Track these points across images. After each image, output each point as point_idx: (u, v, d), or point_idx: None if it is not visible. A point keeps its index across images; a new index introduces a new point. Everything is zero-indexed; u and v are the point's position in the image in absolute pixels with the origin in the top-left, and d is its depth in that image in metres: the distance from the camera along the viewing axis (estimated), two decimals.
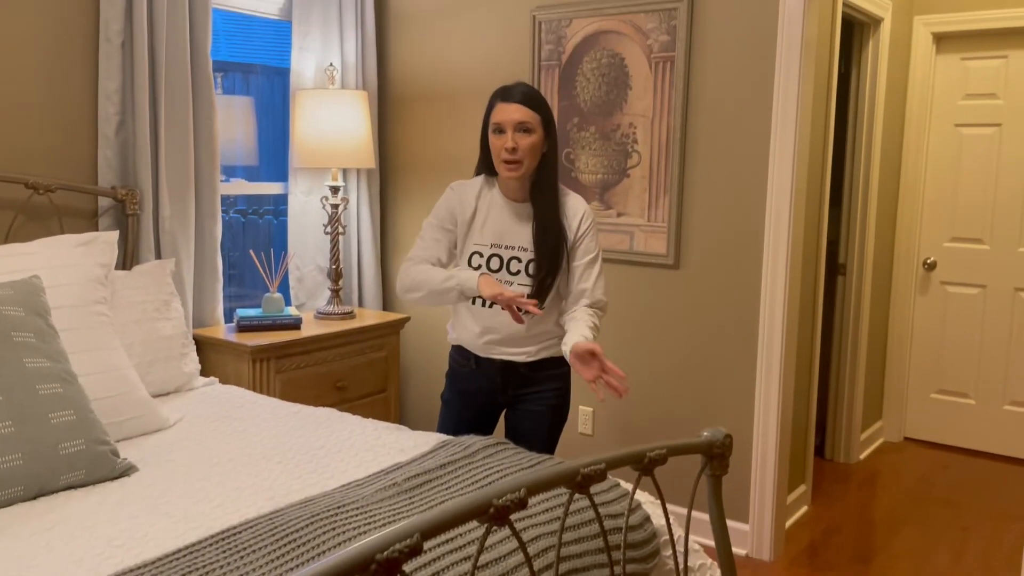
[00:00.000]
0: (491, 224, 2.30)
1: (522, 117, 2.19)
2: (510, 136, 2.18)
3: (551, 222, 2.25)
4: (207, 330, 3.16)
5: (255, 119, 3.73)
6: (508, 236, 2.29)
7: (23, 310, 2.02)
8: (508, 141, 2.18)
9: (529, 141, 2.19)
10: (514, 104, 2.20)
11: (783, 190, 2.93)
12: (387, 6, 3.84)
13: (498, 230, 2.30)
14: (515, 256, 2.29)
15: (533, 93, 2.23)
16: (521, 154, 2.19)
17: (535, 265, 2.27)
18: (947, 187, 4.38)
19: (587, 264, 2.30)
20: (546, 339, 2.36)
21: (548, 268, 2.26)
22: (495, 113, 2.22)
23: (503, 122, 2.20)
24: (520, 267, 2.29)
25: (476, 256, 2.31)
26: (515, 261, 2.29)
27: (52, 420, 1.90)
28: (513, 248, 2.29)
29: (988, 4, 4.09)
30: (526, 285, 2.28)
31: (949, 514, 3.61)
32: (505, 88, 2.25)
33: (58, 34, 2.75)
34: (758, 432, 3.06)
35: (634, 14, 3.15)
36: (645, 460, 1.41)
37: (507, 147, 2.18)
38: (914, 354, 4.54)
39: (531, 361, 2.35)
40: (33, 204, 2.71)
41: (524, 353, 2.34)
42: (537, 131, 2.21)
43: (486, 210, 2.31)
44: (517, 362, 2.35)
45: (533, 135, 2.20)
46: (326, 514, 1.65)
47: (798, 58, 2.86)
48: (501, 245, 2.29)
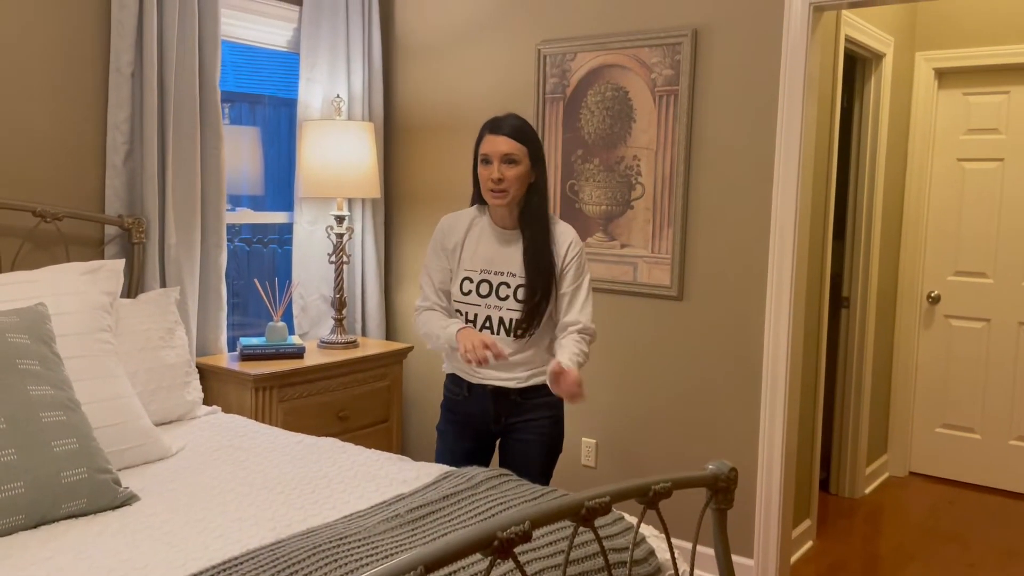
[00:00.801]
0: (481, 250, 2.37)
1: (508, 149, 2.26)
2: (496, 167, 2.26)
3: (540, 248, 2.32)
4: (210, 359, 3.15)
5: (261, 149, 3.76)
6: (497, 262, 2.35)
7: (28, 337, 2.03)
8: (494, 172, 2.26)
9: (515, 172, 2.27)
10: (501, 136, 2.28)
11: (786, 223, 2.94)
12: (394, 39, 3.88)
13: (487, 256, 2.36)
14: (504, 281, 2.34)
15: (521, 125, 2.31)
16: (506, 184, 2.26)
17: (525, 290, 2.32)
18: (950, 221, 4.39)
19: (574, 291, 2.34)
20: (537, 366, 2.38)
21: (539, 293, 2.31)
22: (483, 144, 2.31)
23: (490, 153, 2.28)
24: (509, 292, 2.33)
25: (467, 282, 2.37)
26: (504, 286, 2.34)
27: (55, 448, 1.90)
28: (502, 273, 2.34)
29: (990, 40, 4.13)
30: (515, 310, 2.33)
31: (955, 550, 3.57)
32: (495, 120, 2.33)
33: (69, 64, 2.78)
34: (762, 466, 3.04)
35: (638, 48, 3.18)
36: (650, 493, 1.40)
37: (493, 177, 2.26)
38: (919, 388, 4.52)
39: (522, 388, 2.38)
40: (40, 232, 2.73)
41: (514, 379, 2.37)
42: (523, 162, 2.28)
43: (476, 237, 2.38)
44: (508, 388, 2.38)
45: (519, 166, 2.28)
46: (328, 545, 1.64)
47: (801, 92, 2.89)
48: (490, 271, 2.35)
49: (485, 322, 2.35)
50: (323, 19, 3.59)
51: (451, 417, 2.50)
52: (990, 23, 4.12)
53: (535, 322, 2.33)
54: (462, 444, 2.48)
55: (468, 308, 2.38)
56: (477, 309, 2.36)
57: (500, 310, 2.34)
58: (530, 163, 2.30)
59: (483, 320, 2.36)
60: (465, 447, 2.48)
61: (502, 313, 2.34)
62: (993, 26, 4.11)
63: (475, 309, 2.36)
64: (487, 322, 2.35)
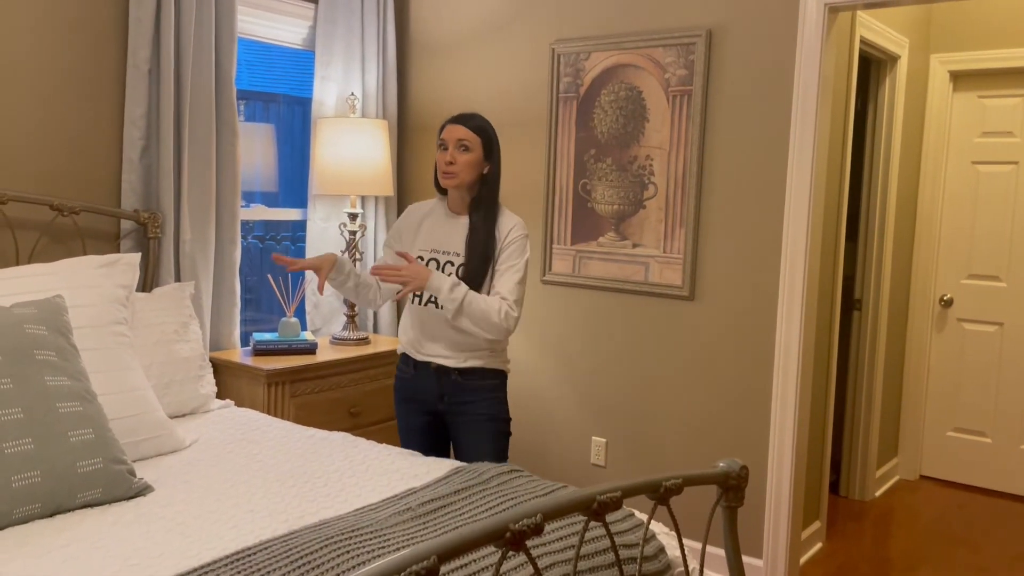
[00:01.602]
0: (433, 232, 2.58)
1: (462, 135, 2.48)
2: (451, 152, 2.47)
3: (483, 231, 2.49)
4: (223, 353, 3.18)
5: (276, 146, 3.78)
6: (444, 243, 2.54)
7: (46, 329, 2.05)
8: (447, 155, 2.47)
9: (466, 158, 2.47)
10: (459, 125, 2.50)
11: (799, 224, 2.94)
12: (408, 37, 3.90)
13: (437, 237, 2.56)
14: (449, 260, 2.52)
15: (480, 121, 2.52)
16: (457, 167, 2.47)
17: (464, 270, 2.48)
18: (964, 224, 4.37)
19: (506, 269, 2.49)
20: (475, 348, 2.53)
21: (476, 270, 2.47)
22: (443, 132, 2.52)
23: (446, 139, 2.50)
24: (452, 271, 2.50)
25: (418, 260, 2.53)
26: (448, 265, 2.52)
27: (71, 438, 1.92)
28: (448, 253, 2.53)
29: (1005, 43, 4.11)
30: None
31: (966, 555, 3.55)
32: (459, 114, 2.55)
33: (87, 60, 2.81)
34: (772, 467, 3.04)
35: (652, 48, 3.19)
36: (661, 489, 1.40)
37: (446, 160, 2.47)
38: (930, 391, 4.50)
39: (461, 367, 2.53)
40: (57, 225, 2.76)
41: (454, 359, 2.53)
42: (475, 151, 2.48)
43: (432, 221, 2.60)
44: (448, 367, 2.53)
45: (471, 153, 2.48)
46: (340, 537, 1.65)
47: (815, 94, 2.89)
48: (439, 251, 2.55)
49: (430, 297, 2.51)
50: (338, 17, 3.61)
51: (401, 395, 2.67)
52: (1006, 26, 4.10)
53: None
54: (414, 420, 2.65)
55: None
56: None
57: None
58: (483, 153, 2.50)
59: (428, 296, 2.51)
60: (418, 424, 2.65)
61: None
62: (1009, 29, 4.09)
63: None
64: (432, 298, 2.50)
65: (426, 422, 2.64)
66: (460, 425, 2.58)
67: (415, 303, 2.57)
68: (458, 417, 2.58)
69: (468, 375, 2.54)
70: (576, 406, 3.47)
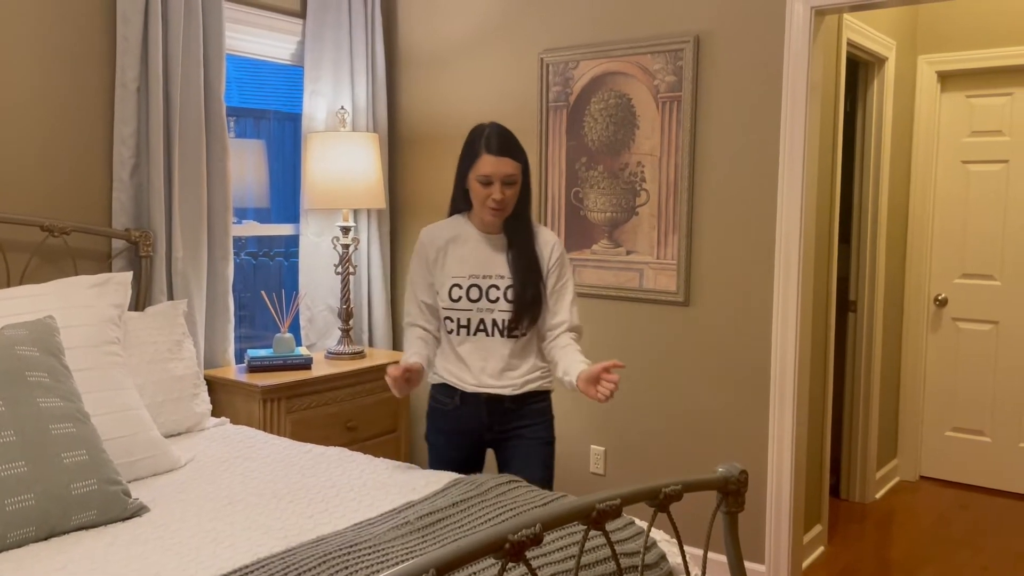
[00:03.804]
0: (468, 256, 2.38)
1: (509, 171, 2.29)
2: (498, 188, 2.29)
3: (525, 248, 2.37)
4: (218, 370, 3.16)
5: (267, 162, 3.78)
6: (486, 266, 2.37)
7: (38, 350, 2.03)
8: (496, 193, 2.28)
9: (513, 191, 2.32)
10: (504, 158, 2.28)
11: (792, 227, 2.94)
12: (397, 50, 3.90)
13: (475, 261, 2.38)
14: (493, 284, 2.37)
15: (515, 141, 2.34)
16: (506, 202, 2.31)
17: (514, 290, 2.35)
18: (956, 223, 4.38)
19: (560, 290, 2.39)
20: (530, 372, 2.41)
21: (529, 290, 2.34)
22: (482, 164, 2.29)
23: (492, 175, 2.28)
24: (499, 294, 2.36)
25: (456, 288, 2.37)
26: (494, 289, 2.37)
27: (65, 460, 1.90)
28: (491, 277, 2.37)
29: (991, 42, 4.13)
30: (506, 311, 2.35)
31: (968, 555, 3.54)
32: (487, 138, 2.31)
33: (75, 79, 2.80)
34: (772, 471, 3.03)
35: (640, 55, 3.20)
36: (661, 496, 1.40)
37: (495, 198, 2.29)
38: (928, 391, 4.50)
39: (516, 395, 2.38)
40: (48, 246, 2.74)
41: (509, 386, 2.38)
42: (519, 180, 2.33)
43: (462, 244, 2.40)
44: (502, 395, 2.37)
45: (516, 185, 2.32)
46: (338, 553, 1.64)
47: (804, 97, 2.89)
48: (479, 275, 2.37)
49: (479, 325, 2.36)
50: (327, 32, 3.61)
51: (440, 427, 2.48)
52: (991, 25, 4.12)
53: (526, 319, 2.36)
54: (453, 454, 2.47)
55: (459, 314, 2.38)
56: (469, 314, 2.37)
57: (492, 312, 2.36)
58: (523, 179, 2.36)
59: (476, 323, 2.36)
60: (457, 457, 2.47)
61: (494, 315, 2.36)
62: (995, 28, 4.12)
63: (467, 314, 2.37)
64: (481, 324, 2.36)
65: (466, 456, 2.47)
66: (510, 450, 2.43)
67: (460, 334, 2.38)
68: (508, 443, 2.42)
69: (521, 401, 2.40)
70: (574, 415, 3.46)
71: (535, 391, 2.42)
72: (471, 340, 2.38)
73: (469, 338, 2.38)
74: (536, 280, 2.36)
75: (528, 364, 2.40)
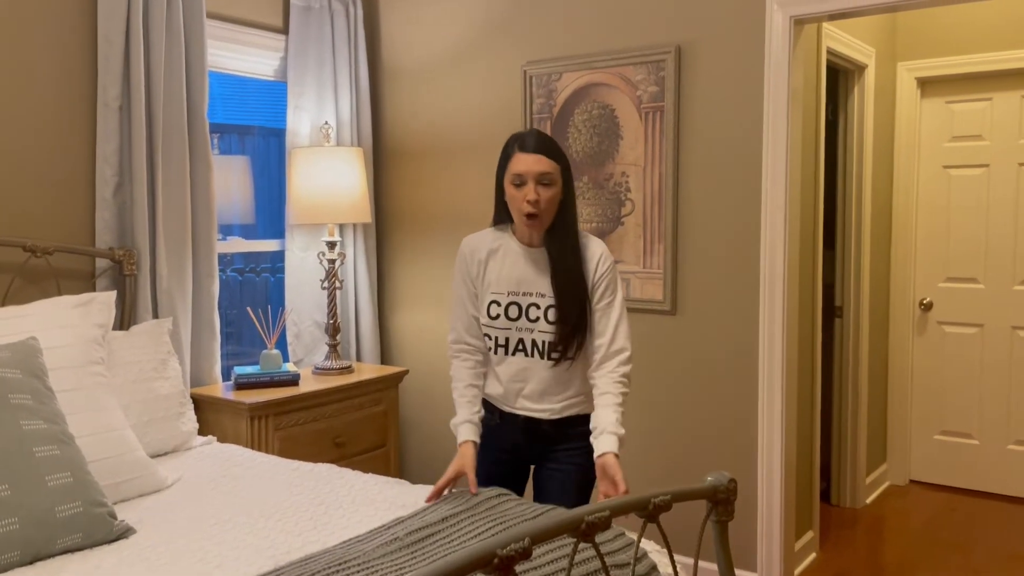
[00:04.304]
0: (508, 272, 2.23)
1: (543, 168, 2.11)
2: (532, 188, 2.11)
3: (570, 266, 2.17)
4: (205, 389, 3.14)
5: (252, 178, 3.77)
6: (525, 283, 2.21)
7: (20, 372, 2.01)
8: (530, 193, 2.11)
9: (550, 194, 2.13)
10: (534, 155, 2.12)
11: (776, 235, 2.96)
12: (380, 64, 3.91)
13: (515, 277, 2.22)
14: (533, 303, 2.20)
15: (550, 141, 2.18)
16: (543, 206, 2.12)
17: (556, 311, 2.17)
18: (939, 228, 4.42)
19: (606, 308, 2.20)
20: (573, 396, 2.25)
21: (573, 315, 2.17)
22: (514, 163, 2.14)
23: (524, 173, 2.12)
24: (539, 313, 2.19)
25: (494, 305, 2.22)
26: (534, 308, 2.20)
27: (49, 483, 1.88)
28: (531, 295, 2.20)
29: (970, 48, 4.17)
30: (547, 332, 2.19)
31: (959, 558, 3.55)
32: (521, 136, 2.18)
33: (56, 98, 2.79)
34: (762, 479, 3.03)
35: (623, 66, 3.21)
36: (650, 507, 1.39)
37: (529, 199, 2.11)
38: (915, 395, 4.52)
39: (555, 419, 2.24)
40: (31, 267, 2.72)
41: (548, 411, 2.24)
42: (557, 182, 2.14)
43: (501, 258, 2.24)
44: (540, 419, 2.24)
45: (554, 187, 2.14)
46: (327, 571, 1.63)
47: (785, 106, 2.91)
48: (519, 292, 2.21)
49: (518, 345, 2.22)
50: (309, 47, 3.61)
51: (485, 441, 2.30)
52: (969, 32, 4.17)
53: (571, 347, 2.18)
54: (495, 469, 2.34)
55: (498, 332, 2.23)
56: (508, 333, 2.22)
57: (532, 332, 2.20)
58: (562, 181, 2.17)
59: (515, 343, 2.22)
60: (499, 472, 2.34)
61: (534, 336, 2.20)
62: (973, 34, 4.16)
63: (505, 333, 2.22)
64: (519, 345, 2.21)
65: (508, 472, 2.35)
66: (546, 473, 2.30)
67: (499, 353, 2.24)
68: (546, 465, 2.30)
69: (561, 424, 2.25)
70: None
71: (577, 415, 2.25)
72: (509, 360, 2.24)
73: (507, 358, 2.23)
74: (582, 299, 2.18)
75: (571, 389, 2.24)
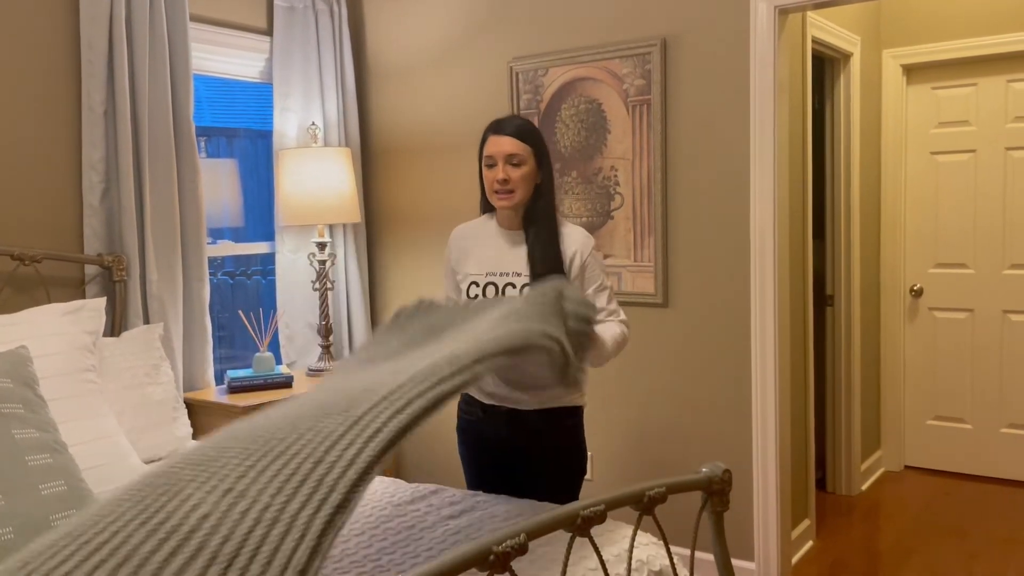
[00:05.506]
0: (486, 253, 2.30)
1: (512, 149, 2.20)
2: (501, 168, 2.20)
3: (546, 245, 2.22)
4: (198, 393, 3.13)
5: (240, 181, 3.76)
6: (502, 263, 2.27)
7: (10, 381, 2.01)
8: (499, 173, 2.20)
9: (520, 173, 2.20)
10: (505, 137, 2.21)
11: (766, 224, 2.96)
12: (366, 63, 3.90)
13: (492, 258, 2.28)
14: (510, 282, 2.24)
15: (525, 125, 2.25)
16: (512, 184, 2.20)
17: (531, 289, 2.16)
18: (927, 214, 4.43)
19: (593, 294, 2.22)
20: (551, 386, 2.23)
21: None
22: (487, 146, 2.25)
23: (494, 155, 2.21)
24: (515, 292, 2.22)
25: (473, 286, 2.28)
26: (510, 287, 2.24)
27: (43, 491, 1.88)
28: (507, 274, 2.25)
29: (954, 34, 4.19)
30: None
31: (955, 542, 3.57)
32: (497, 121, 2.28)
33: (41, 105, 2.77)
34: (757, 468, 3.04)
35: (609, 60, 3.21)
36: (645, 499, 1.39)
37: (498, 179, 2.20)
38: (908, 381, 4.54)
39: (539, 409, 2.26)
40: (19, 275, 2.71)
41: (527, 402, 2.25)
42: (528, 162, 2.22)
43: (482, 241, 2.32)
44: (523, 410, 2.26)
45: (524, 167, 2.21)
46: None
47: (772, 96, 2.92)
48: (495, 272, 2.27)
49: None
50: (294, 48, 3.60)
51: (470, 438, 2.37)
52: (953, 17, 4.18)
53: None
54: (485, 458, 2.36)
55: None
56: None
57: None
58: (536, 163, 2.23)
59: None
60: (489, 462, 2.36)
61: None
62: (956, 20, 4.17)
63: None
64: None
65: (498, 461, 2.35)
66: (534, 468, 2.31)
67: None
68: (533, 460, 2.30)
69: (546, 416, 2.27)
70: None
71: (561, 407, 2.27)
72: None
73: None
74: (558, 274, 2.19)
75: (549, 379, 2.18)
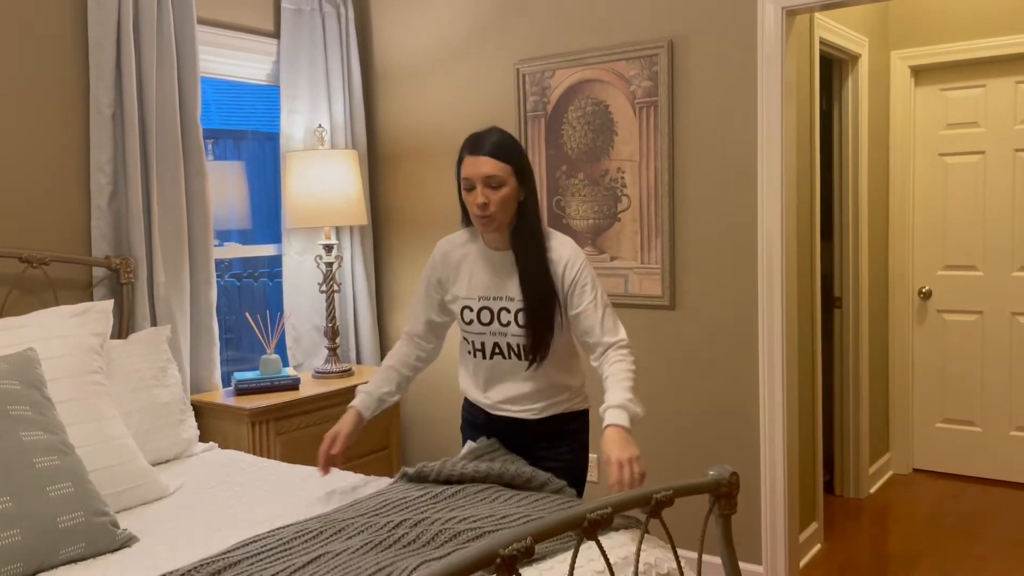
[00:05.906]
0: (477, 276, 2.23)
1: (490, 171, 2.07)
2: (480, 191, 2.07)
3: (535, 269, 2.15)
4: (205, 395, 3.13)
5: (247, 183, 3.76)
6: (495, 287, 2.21)
7: (19, 383, 2.01)
8: (478, 196, 2.07)
9: (500, 195, 2.08)
10: (483, 157, 2.08)
11: (773, 226, 2.95)
12: (373, 66, 3.90)
13: (484, 282, 2.22)
14: (504, 307, 2.19)
15: (502, 141, 2.12)
16: (492, 209, 2.08)
17: (524, 315, 2.16)
18: (936, 216, 4.41)
19: (586, 309, 2.15)
20: (552, 396, 2.25)
21: (540, 318, 2.14)
22: (464, 167, 2.12)
23: (471, 177, 2.09)
24: (510, 317, 2.18)
25: (467, 311, 2.23)
26: (504, 312, 2.19)
27: (50, 493, 1.88)
28: (501, 299, 2.19)
29: (962, 36, 4.17)
30: (520, 335, 2.18)
31: (964, 545, 3.55)
32: (474, 138, 2.13)
33: (49, 108, 2.78)
34: (765, 471, 3.02)
35: (616, 62, 3.21)
36: (652, 502, 1.39)
37: (477, 203, 2.08)
38: (916, 384, 4.52)
39: (539, 418, 2.25)
40: (27, 278, 2.72)
41: (530, 411, 2.24)
42: (508, 182, 2.09)
43: (471, 264, 2.24)
44: (524, 419, 2.25)
45: (504, 188, 2.08)
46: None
47: (779, 97, 2.91)
48: (489, 297, 2.21)
49: (494, 349, 2.21)
50: (301, 50, 3.60)
51: (471, 434, 2.35)
52: (961, 18, 4.16)
53: (541, 349, 2.16)
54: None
55: (473, 337, 2.24)
56: (483, 337, 2.22)
57: (506, 336, 2.19)
58: (516, 182, 2.11)
59: (491, 347, 2.21)
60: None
61: (508, 339, 2.19)
62: (965, 21, 4.16)
63: (481, 338, 2.23)
64: (496, 349, 2.21)
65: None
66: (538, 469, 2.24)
67: (476, 357, 2.26)
68: (536, 463, 2.25)
69: (548, 423, 2.26)
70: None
71: (564, 414, 2.27)
72: (488, 364, 2.24)
73: (486, 362, 2.24)
74: (551, 301, 2.15)
75: (551, 389, 2.24)
